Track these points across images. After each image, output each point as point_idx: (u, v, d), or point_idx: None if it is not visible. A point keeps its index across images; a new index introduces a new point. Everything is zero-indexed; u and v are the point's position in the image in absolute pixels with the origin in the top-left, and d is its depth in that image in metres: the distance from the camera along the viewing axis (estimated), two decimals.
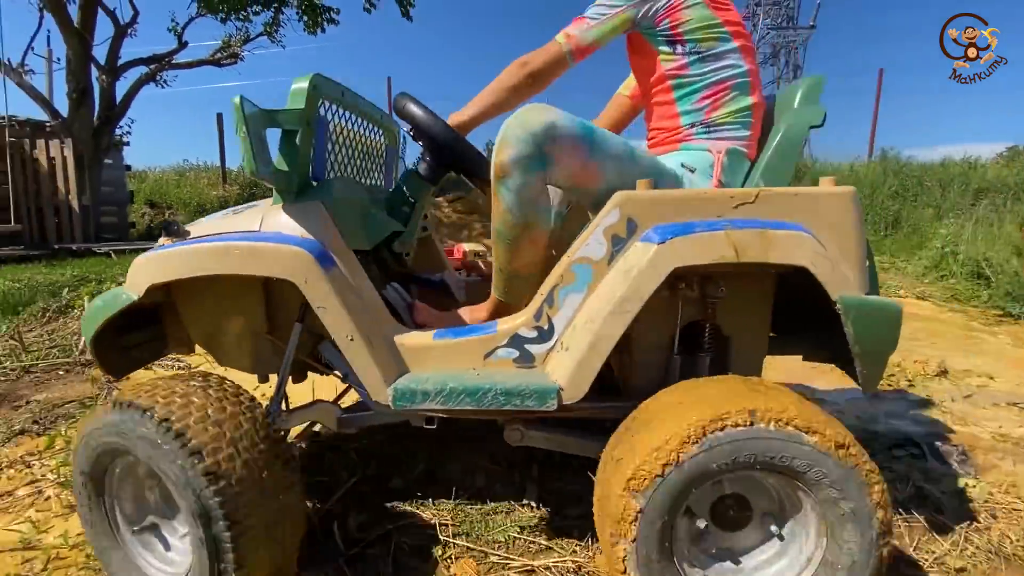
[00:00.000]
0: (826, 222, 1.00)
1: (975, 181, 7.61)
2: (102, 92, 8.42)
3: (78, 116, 7.91)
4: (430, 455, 1.64)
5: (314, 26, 9.86)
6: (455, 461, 1.60)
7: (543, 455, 1.47)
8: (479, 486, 1.48)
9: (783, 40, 29.18)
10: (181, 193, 11.27)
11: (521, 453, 1.44)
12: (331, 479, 1.50)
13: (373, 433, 1.74)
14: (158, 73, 9.47)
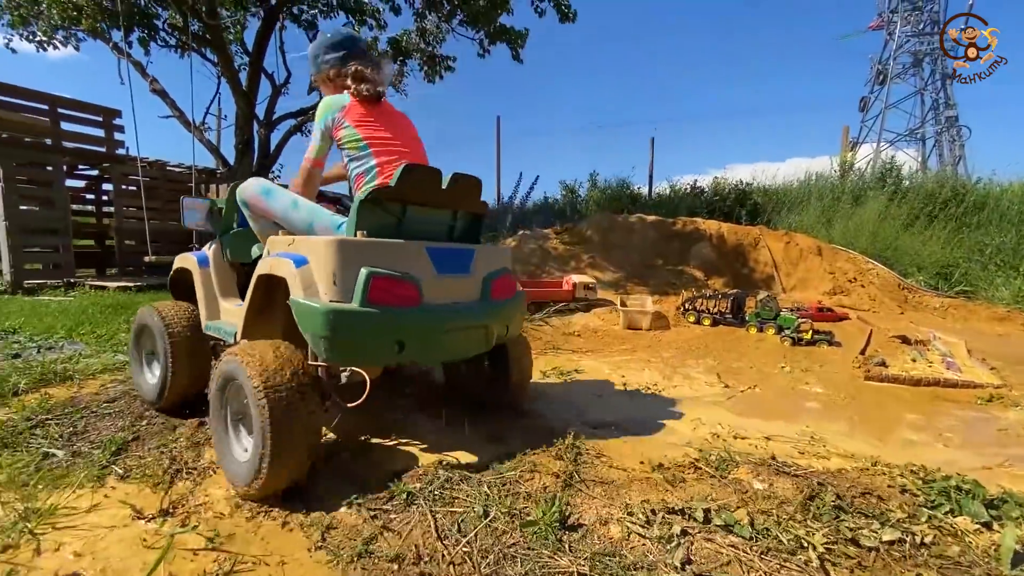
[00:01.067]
0: (318, 257, 1.63)
1: None
2: (260, 143, 9.87)
3: (242, 164, 9.32)
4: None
5: (433, 74, 10.77)
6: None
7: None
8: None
9: (927, 48, 25.94)
10: None
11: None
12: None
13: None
14: (304, 124, 10.88)
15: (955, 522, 1.49)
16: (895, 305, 4.67)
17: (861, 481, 1.71)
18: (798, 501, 1.55)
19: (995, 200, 6.69)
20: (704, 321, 4.27)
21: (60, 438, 2.15)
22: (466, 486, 1.68)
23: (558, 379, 3.02)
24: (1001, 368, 3.06)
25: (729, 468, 1.76)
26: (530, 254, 5.85)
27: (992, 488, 1.64)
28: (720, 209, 8.22)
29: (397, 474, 1.79)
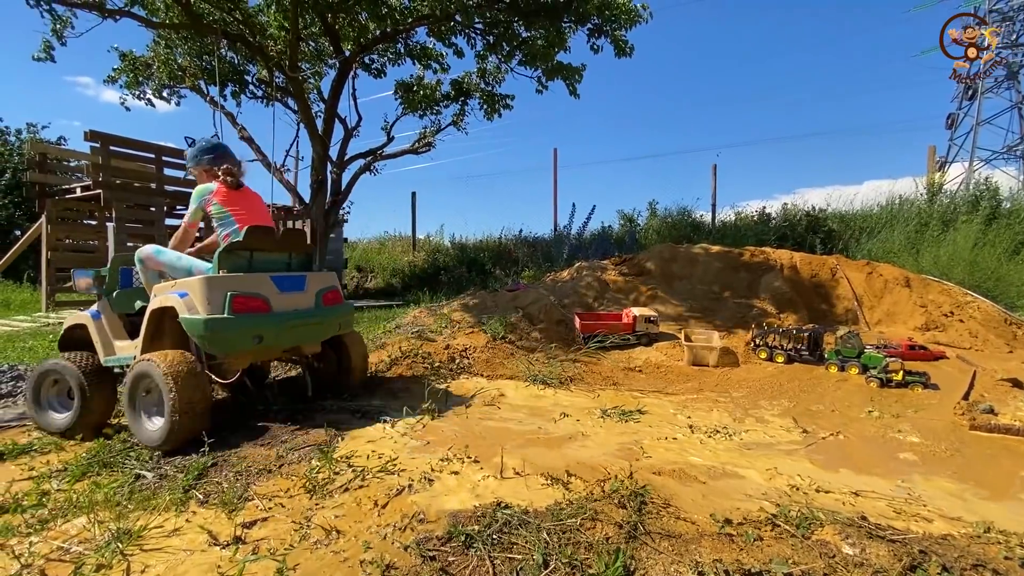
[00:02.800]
0: (195, 289, 2.54)
1: None
2: (332, 181, 10.58)
3: (316, 202, 10.01)
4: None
5: (492, 112, 11.18)
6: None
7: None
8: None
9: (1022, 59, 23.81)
10: (381, 259, 13.31)
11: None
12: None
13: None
14: (372, 164, 11.57)
15: None
16: (1002, 343, 4.16)
17: (972, 551, 1.50)
18: (896, 571, 1.38)
19: None
20: (777, 358, 4.00)
21: (150, 460, 2.33)
22: (524, 531, 1.63)
23: (619, 419, 2.92)
24: None
25: (812, 527, 1.61)
26: (587, 287, 5.78)
27: None
28: (791, 237, 7.80)
29: (455, 514, 1.78)
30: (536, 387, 3.61)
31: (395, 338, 4.45)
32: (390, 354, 4.02)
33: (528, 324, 4.93)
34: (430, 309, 5.61)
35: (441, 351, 4.12)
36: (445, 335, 4.57)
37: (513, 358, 4.21)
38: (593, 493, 1.89)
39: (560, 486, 1.98)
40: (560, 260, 9.04)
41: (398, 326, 4.99)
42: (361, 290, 12.36)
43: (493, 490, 1.97)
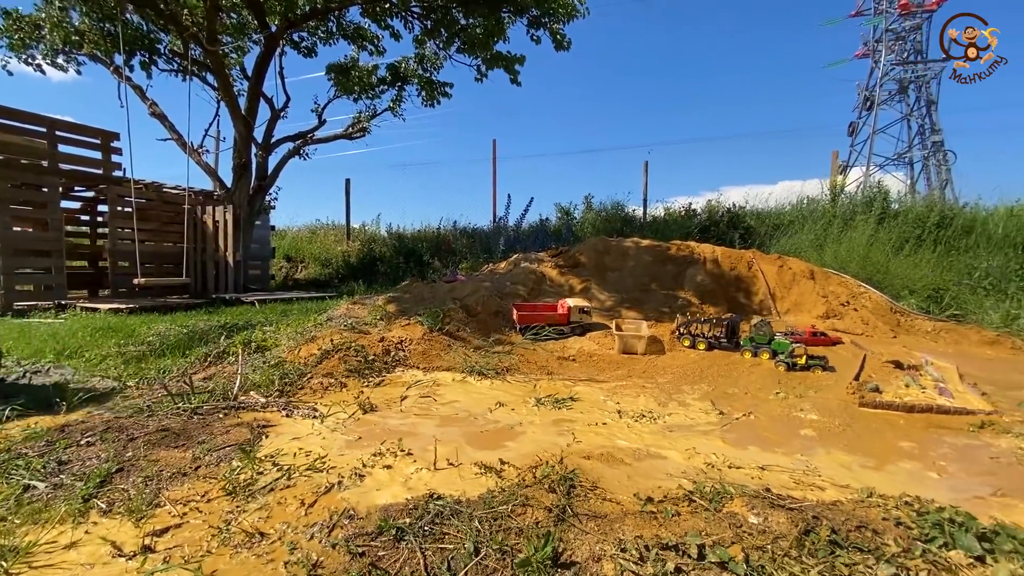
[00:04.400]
0: None
1: None
2: (258, 165, 9.95)
3: (239, 186, 9.38)
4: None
5: (431, 99, 10.97)
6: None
7: None
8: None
9: (912, 75, 26.66)
10: (313, 248, 12.72)
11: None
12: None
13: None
14: (302, 147, 11.00)
15: (949, 556, 1.47)
16: (888, 329, 4.70)
17: (856, 514, 1.69)
18: (793, 536, 1.53)
19: (981, 224, 6.80)
20: (699, 346, 4.27)
21: (42, 469, 2.10)
22: (457, 521, 1.65)
23: (553, 407, 3.00)
24: (992, 393, 3.06)
25: (723, 501, 1.74)
26: (524, 278, 5.85)
27: (985, 519, 1.63)
28: (713, 232, 8.30)
29: (387, 508, 1.76)
30: (473, 378, 3.63)
31: (326, 331, 4.29)
32: (321, 347, 3.88)
33: (466, 315, 4.92)
34: (364, 300, 5.46)
35: (376, 344, 4.02)
36: (380, 327, 4.47)
37: (450, 350, 4.19)
38: (525, 480, 1.94)
39: (493, 474, 2.01)
40: (498, 252, 9.07)
41: (330, 318, 4.81)
42: (291, 280, 11.77)
43: (426, 482, 1.97)
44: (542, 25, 8.47)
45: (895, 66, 27.05)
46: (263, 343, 4.33)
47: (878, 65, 27.36)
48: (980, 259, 6.12)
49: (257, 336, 4.51)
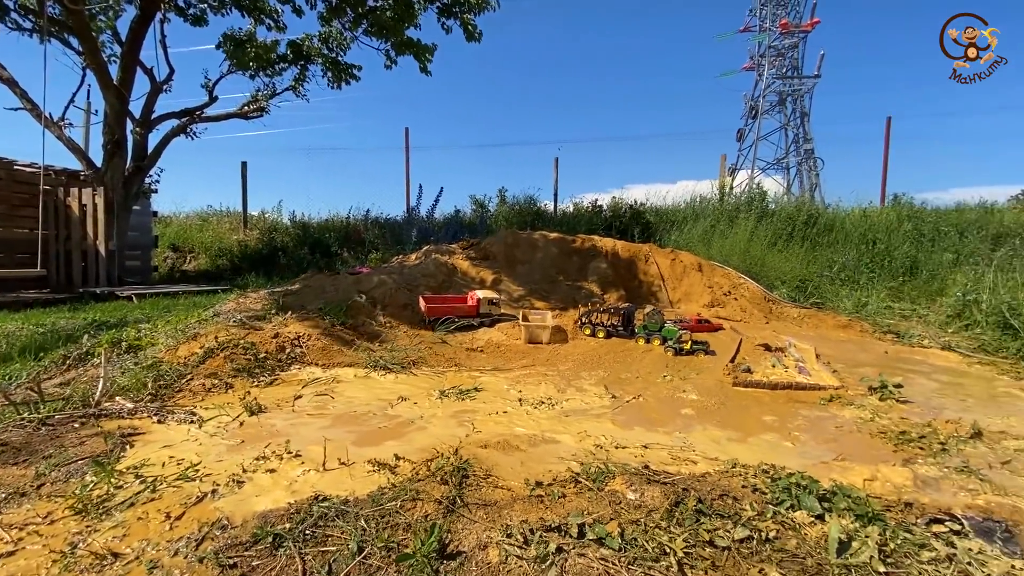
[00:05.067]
0: None
1: (992, 226, 7.52)
2: (135, 143, 8.85)
3: (111, 166, 8.29)
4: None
5: (337, 81, 10.39)
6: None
7: None
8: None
9: (789, 89, 29.90)
10: (204, 237, 11.60)
11: None
12: None
13: None
14: (189, 126, 9.95)
15: (794, 516, 1.67)
16: (762, 316, 5.25)
17: (720, 484, 1.87)
18: (664, 508, 1.65)
19: (840, 223, 7.81)
20: (599, 334, 4.48)
21: None
22: (342, 522, 1.59)
23: (457, 398, 2.99)
24: (841, 371, 3.54)
25: (606, 480, 1.84)
26: (435, 270, 5.78)
27: (826, 482, 1.87)
28: (617, 227, 8.74)
29: (265, 514, 1.66)
30: (377, 373, 3.52)
31: (212, 327, 3.94)
32: (204, 345, 3.55)
33: (371, 308, 4.76)
34: (258, 294, 5.08)
35: (269, 340, 3.76)
36: (275, 322, 4.18)
37: (353, 344, 4.03)
38: (419, 473, 1.91)
39: (387, 471, 1.96)
40: (410, 243, 8.87)
41: (217, 314, 4.42)
42: (178, 273, 10.66)
43: (313, 484, 1.88)
44: (453, 15, 8.35)
45: (775, 80, 30.17)
46: (136, 342, 3.87)
47: (762, 78, 30.38)
48: (838, 254, 7.03)
49: (129, 334, 4.03)
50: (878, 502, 1.76)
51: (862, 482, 1.93)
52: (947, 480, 1.98)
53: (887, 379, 3.05)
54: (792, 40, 29.44)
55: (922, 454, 2.21)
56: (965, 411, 2.75)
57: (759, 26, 30.05)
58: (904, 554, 1.49)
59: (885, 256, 6.78)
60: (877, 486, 1.92)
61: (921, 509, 1.74)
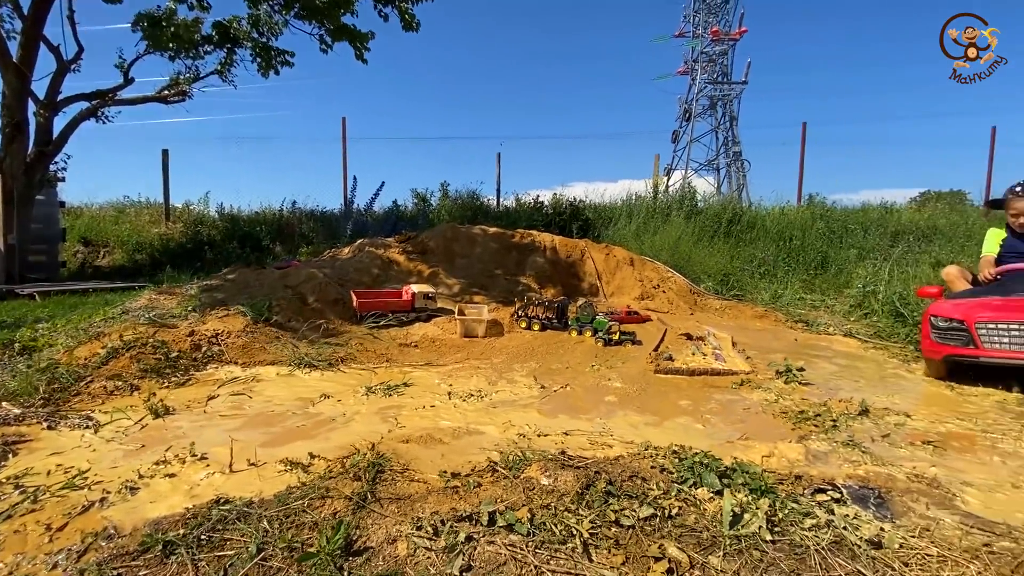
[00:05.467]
0: None
1: (892, 224, 8.28)
2: (39, 127, 8.04)
3: (10, 151, 7.48)
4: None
5: (268, 67, 9.86)
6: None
7: None
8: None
9: (719, 94, 31.56)
10: (120, 231, 10.72)
11: None
12: None
13: None
14: (100, 109, 9.14)
15: (696, 493, 1.77)
16: (687, 307, 5.52)
17: (631, 465, 1.94)
18: (575, 492, 1.70)
19: (761, 221, 8.34)
20: (534, 327, 4.54)
21: None
22: (243, 524, 1.52)
23: (384, 394, 2.93)
24: (754, 357, 3.78)
25: (523, 468, 1.87)
26: (369, 264, 5.63)
27: (728, 460, 1.99)
28: (557, 223, 8.88)
29: (158, 521, 1.56)
30: (301, 371, 3.39)
31: (118, 326, 3.65)
32: (107, 345, 3.28)
33: (299, 304, 4.57)
34: (174, 290, 4.75)
35: (183, 338, 3.53)
36: (191, 319, 3.93)
37: (278, 342, 3.86)
38: (332, 471, 1.86)
39: (299, 470, 1.90)
40: (344, 236, 8.62)
41: (126, 311, 4.10)
42: (90, 268, 9.79)
43: (217, 487, 1.78)
44: (390, 2, 8.15)
45: (707, 84, 31.74)
46: (31, 343, 3.53)
47: (695, 82, 31.87)
48: (759, 249, 7.49)
49: (24, 335, 3.67)
50: (772, 476, 1.89)
51: (760, 458, 2.07)
52: (835, 454, 2.17)
53: (792, 364, 3.29)
54: (722, 47, 31.08)
55: (816, 431, 2.40)
56: (857, 391, 3.02)
57: (692, 32, 31.49)
58: (790, 522, 1.61)
59: (799, 251, 7.31)
60: (773, 462, 2.07)
61: (809, 481, 1.89)
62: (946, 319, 3.12)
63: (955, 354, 3.08)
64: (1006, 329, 2.90)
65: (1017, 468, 2.04)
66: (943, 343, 3.14)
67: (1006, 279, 3.30)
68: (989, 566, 1.40)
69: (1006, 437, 2.34)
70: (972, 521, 1.63)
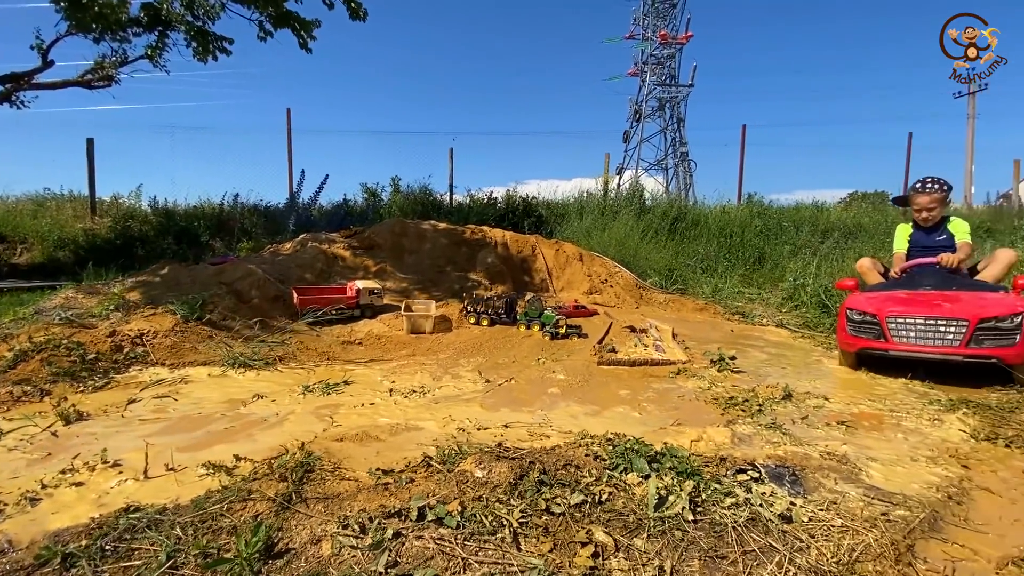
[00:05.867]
0: None
1: (822, 222, 8.81)
2: None
3: None
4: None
5: (204, 53, 9.32)
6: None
7: None
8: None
9: (667, 95, 32.57)
10: (39, 225, 9.89)
11: None
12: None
13: None
14: (15, 93, 8.39)
15: (626, 479, 1.81)
16: (633, 301, 5.67)
17: (567, 454, 1.97)
18: (508, 482, 1.71)
19: (704, 219, 8.68)
20: (483, 322, 4.53)
21: None
22: (154, 532, 1.43)
23: (322, 393, 2.85)
24: (692, 347, 3.93)
25: (458, 461, 1.86)
26: (312, 260, 5.45)
27: (659, 445, 2.05)
28: (510, 219, 8.90)
29: (59, 533, 1.45)
30: (235, 371, 3.24)
31: (28, 327, 3.37)
32: (15, 348, 3.02)
33: (236, 302, 4.37)
34: (95, 289, 4.43)
35: (102, 339, 3.29)
36: (114, 319, 3.68)
37: (211, 341, 3.67)
38: (258, 473, 1.79)
39: (223, 473, 1.81)
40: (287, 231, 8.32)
41: (39, 311, 3.79)
42: (5, 267, 8.98)
43: (130, 494, 1.68)
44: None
45: (656, 86, 32.67)
46: None
47: (644, 84, 32.75)
48: (701, 246, 7.80)
49: None
50: (699, 459, 1.97)
51: (689, 443, 2.16)
52: (758, 436, 2.28)
53: (725, 353, 3.45)
54: (670, 51, 32.06)
55: (743, 415, 2.52)
56: (783, 377, 3.19)
57: (642, 35, 32.29)
58: (712, 502, 1.68)
59: (739, 248, 7.66)
60: (702, 445, 2.16)
61: (733, 462, 1.98)
62: (860, 312, 3.28)
63: (868, 347, 3.21)
64: (912, 323, 3.07)
65: (916, 443, 2.22)
66: (857, 336, 3.27)
67: (915, 273, 3.56)
68: (885, 533, 1.51)
69: (909, 416, 2.54)
70: (874, 493, 1.76)
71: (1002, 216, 9.82)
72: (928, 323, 3.02)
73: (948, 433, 2.34)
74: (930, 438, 2.28)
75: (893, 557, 1.41)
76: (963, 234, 3.60)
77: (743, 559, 1.42)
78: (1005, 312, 2.90)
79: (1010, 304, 2.97)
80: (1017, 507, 1.72)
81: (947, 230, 3.65)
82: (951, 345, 2.95)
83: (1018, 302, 3.00)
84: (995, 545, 1.50)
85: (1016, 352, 2.86)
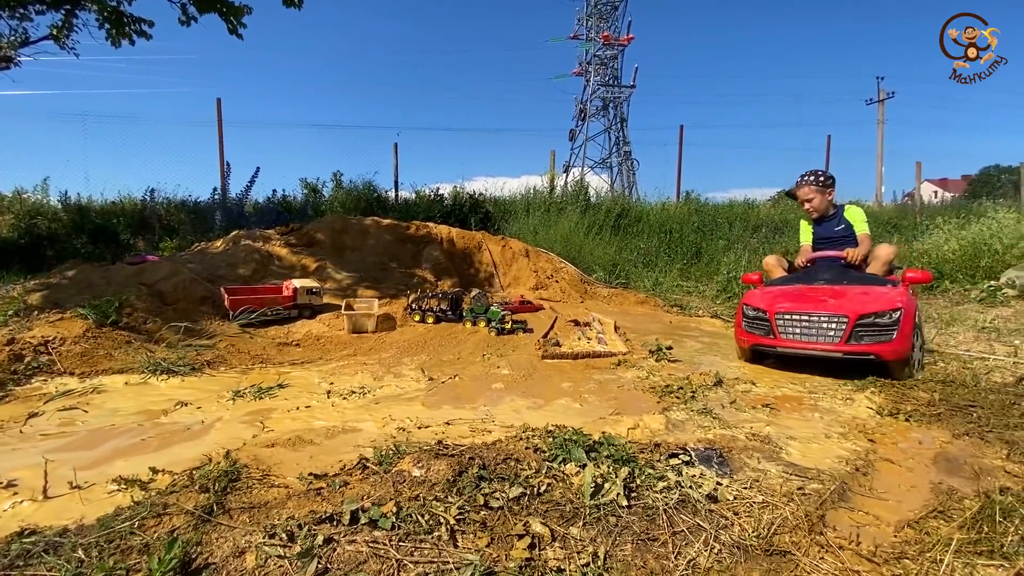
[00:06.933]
0: None
1: (753, 219, 9.34)
2: None
3: None
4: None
5: (119, 35, 8.59)
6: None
7: None
8: None
9: (611, 95, 33.43)
10: None
11: None
12: None
13: None
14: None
15: (565, 469, 1.84)
16: (578, 296, 5.79)
17: (507, 448, 1.98)
18: (446, 480, 1.69)
19: (646, 215, 8.98)
20: (428, 319, 4.47)
21: None
22: (52, 557, 1.30)
23: (253, 398, 2.70)
24: (633, 339, 4.05)
25: (395, 461, 1.82)
26: (246, 258, 5.16)
27: (597, 434, 2.10)
28: (457, 216, 8.83)
29: None
30: (157, 378, 3.02)
31: None
32: None
33: (158, 304, 4.07)
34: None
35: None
36: (13, 326, 3.33)
37: (129, 347, 3.41)
38: (176, 485, 1.67)
39: (136, 488, 1.68)
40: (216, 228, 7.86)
41: None
42: None
43: (25, 517, 1.52)
44: None
45: (600, 87, 33.46)
46: None
47: (589, 84, 33.46)
48: (643, 241, 8.06)
49: None
50: (635, 446, 2.03)
51: (627, 431, 2.22)
52: (691, 421, 2.38)
53: (663, 343, 3.58)
54: (613, 52, 32.91)
55: (677, 402, 2.63)
56: (715, 365, 3.35)
57: (586, 35, 32.97)
58: (646, 487, 1.73)
59: (678, 243, 7.98)
60: (638, 433, 2.23)
61: (666, 447, 2.06)
62: (754, 308, 3.25)
63: (759, 343, 3.20)
64: (797, 320, 3.03)
65: (830, 421, 2.39)
66: (751, 332, 3.25)
67: (819, 264, 3.55)
68: (801, 506, 1.62)
69: (825, 396, 2.74)
70: (792, 469, 1.88)
71: (906, 213, 10.81)
72: (812, 319, 2.99)
73: (858, 411, 2.54)
74: (842, 416, 2.46)
75: (807, 527, 1.51)
76: (860, 223, 3.58)
77: (672, 540, 1.47)
78: (884, 308, 2.86)
79: (890, 300, 2.92)
80: (913, 475, 1.89)
81: (845, 219, 3.66)
82: (832, 342, 2.92)
83: (898, 298, 2.94)
84: (894, 511, 1.64)
85: (892, 348, 2.82)
